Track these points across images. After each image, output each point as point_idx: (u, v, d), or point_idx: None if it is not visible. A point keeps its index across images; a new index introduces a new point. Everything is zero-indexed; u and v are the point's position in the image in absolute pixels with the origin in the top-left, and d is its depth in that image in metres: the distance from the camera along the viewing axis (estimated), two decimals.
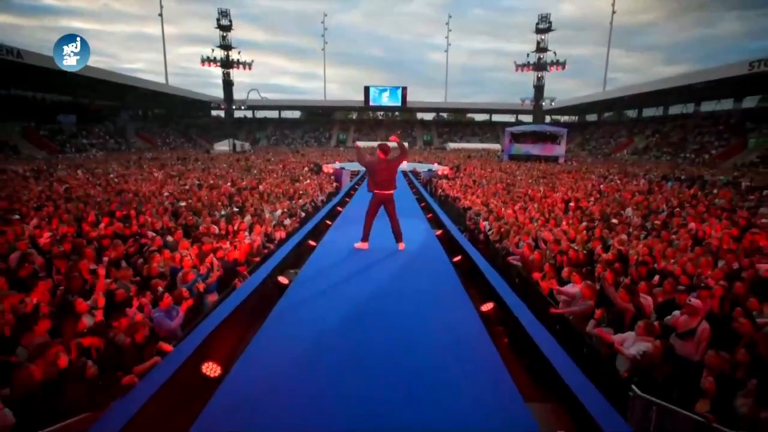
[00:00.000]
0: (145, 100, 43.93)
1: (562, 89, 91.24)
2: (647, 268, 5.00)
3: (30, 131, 31.33)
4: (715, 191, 14.06)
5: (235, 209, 8.87)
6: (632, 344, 3.17)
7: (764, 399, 2.60)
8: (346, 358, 2.75)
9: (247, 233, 6.58)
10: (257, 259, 5.71)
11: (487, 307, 3.41)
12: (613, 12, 45.85)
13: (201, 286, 4.25)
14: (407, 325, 3.23)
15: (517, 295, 3.71)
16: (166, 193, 10.60)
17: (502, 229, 7.01)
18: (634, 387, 2.91)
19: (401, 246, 5.27)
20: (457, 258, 5.03)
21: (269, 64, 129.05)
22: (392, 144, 5.94)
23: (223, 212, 8.47)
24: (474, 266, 4.73)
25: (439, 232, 6.49)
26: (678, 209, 9.17)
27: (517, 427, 2.02)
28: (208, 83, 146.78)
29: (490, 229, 7.45)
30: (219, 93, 52.05)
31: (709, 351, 2.99)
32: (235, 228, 6.81)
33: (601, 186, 14.03)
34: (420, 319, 3.31)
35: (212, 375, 2.70)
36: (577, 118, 56.47)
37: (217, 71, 49.70)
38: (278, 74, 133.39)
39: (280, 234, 7.23)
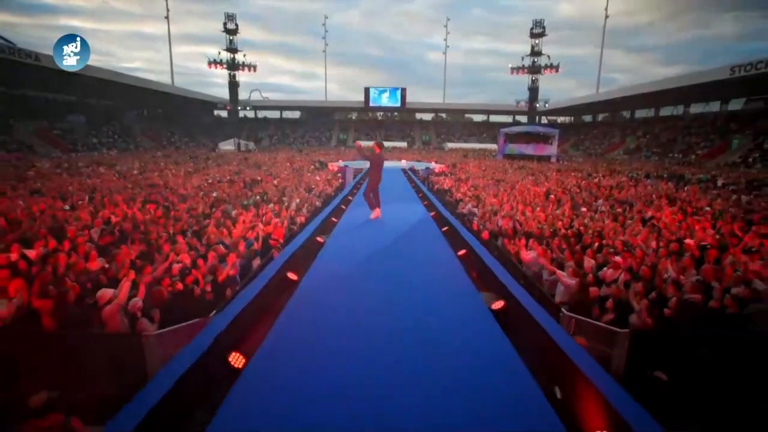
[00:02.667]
0: (149, 100, 45.08)
1: (561, 89, 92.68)
2: (598, 241, 6.40)
3: (43, 131, 32.59)
4: (686, 188, 15.50)
5: (258, 197, 10.23)
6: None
7: (652, 312, 3.97)
8: (370, 285, 4.29)
9: (274, 217, 7.92)
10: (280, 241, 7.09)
11: (462, 252, 4.86)
12: (606, 16, 47.42)
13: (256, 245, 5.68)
14: (409, 265, 4.91)
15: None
16: (193, 187, 11.94)
17: (487, 213, 8.39)
18: (563, 309, 4.30)
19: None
20: (445, 228, 6.49)
21: (268, 63, 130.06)
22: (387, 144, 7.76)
23: (246, 201, 9.83)
24: (456, 232, 6.34)
25: (432, 213, 7.97)
26: (641, 200, 10.57)
27: (472, 305, 3.43)
28: (206, 82, 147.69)
29: (476, 215, 8.84)
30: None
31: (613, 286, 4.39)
32: (263, 212, 8.16)
33: (582, 182, 15.41)
34: (418, 261, 5.02)
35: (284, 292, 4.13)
36: (572, 118, 57.94)
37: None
38: (277, 73, 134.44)
39: (300, 219, 8.58)
